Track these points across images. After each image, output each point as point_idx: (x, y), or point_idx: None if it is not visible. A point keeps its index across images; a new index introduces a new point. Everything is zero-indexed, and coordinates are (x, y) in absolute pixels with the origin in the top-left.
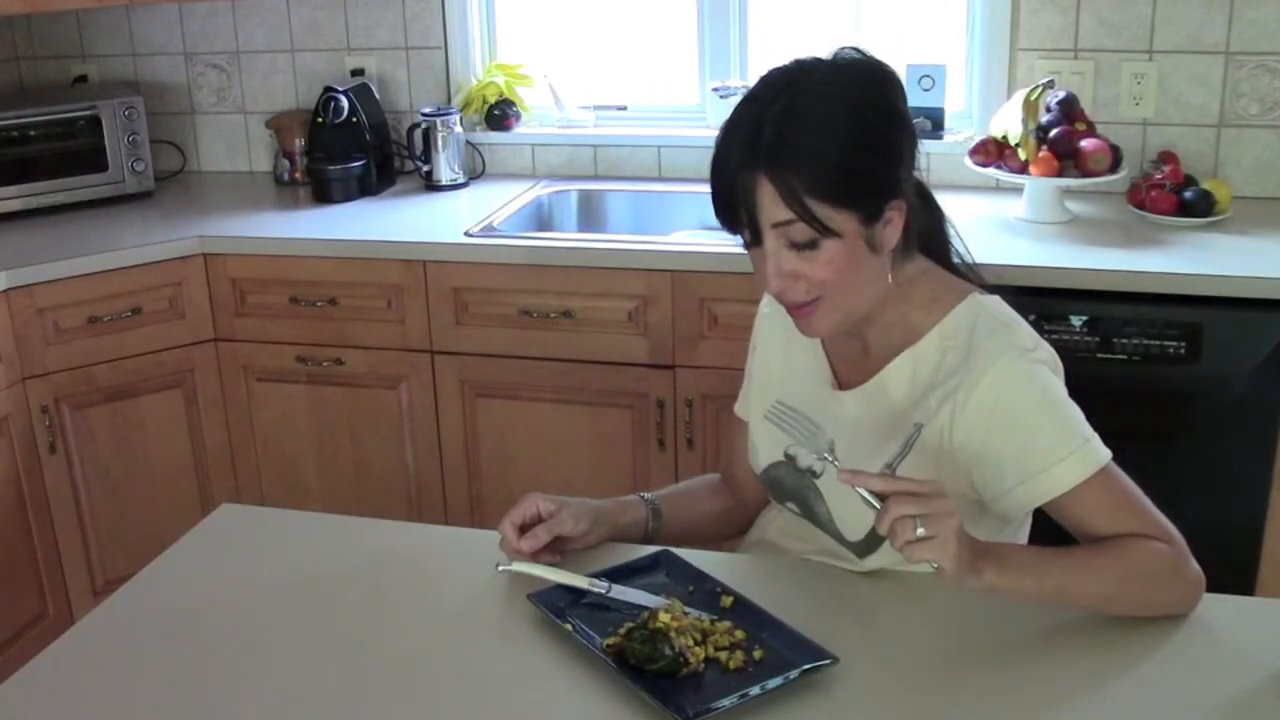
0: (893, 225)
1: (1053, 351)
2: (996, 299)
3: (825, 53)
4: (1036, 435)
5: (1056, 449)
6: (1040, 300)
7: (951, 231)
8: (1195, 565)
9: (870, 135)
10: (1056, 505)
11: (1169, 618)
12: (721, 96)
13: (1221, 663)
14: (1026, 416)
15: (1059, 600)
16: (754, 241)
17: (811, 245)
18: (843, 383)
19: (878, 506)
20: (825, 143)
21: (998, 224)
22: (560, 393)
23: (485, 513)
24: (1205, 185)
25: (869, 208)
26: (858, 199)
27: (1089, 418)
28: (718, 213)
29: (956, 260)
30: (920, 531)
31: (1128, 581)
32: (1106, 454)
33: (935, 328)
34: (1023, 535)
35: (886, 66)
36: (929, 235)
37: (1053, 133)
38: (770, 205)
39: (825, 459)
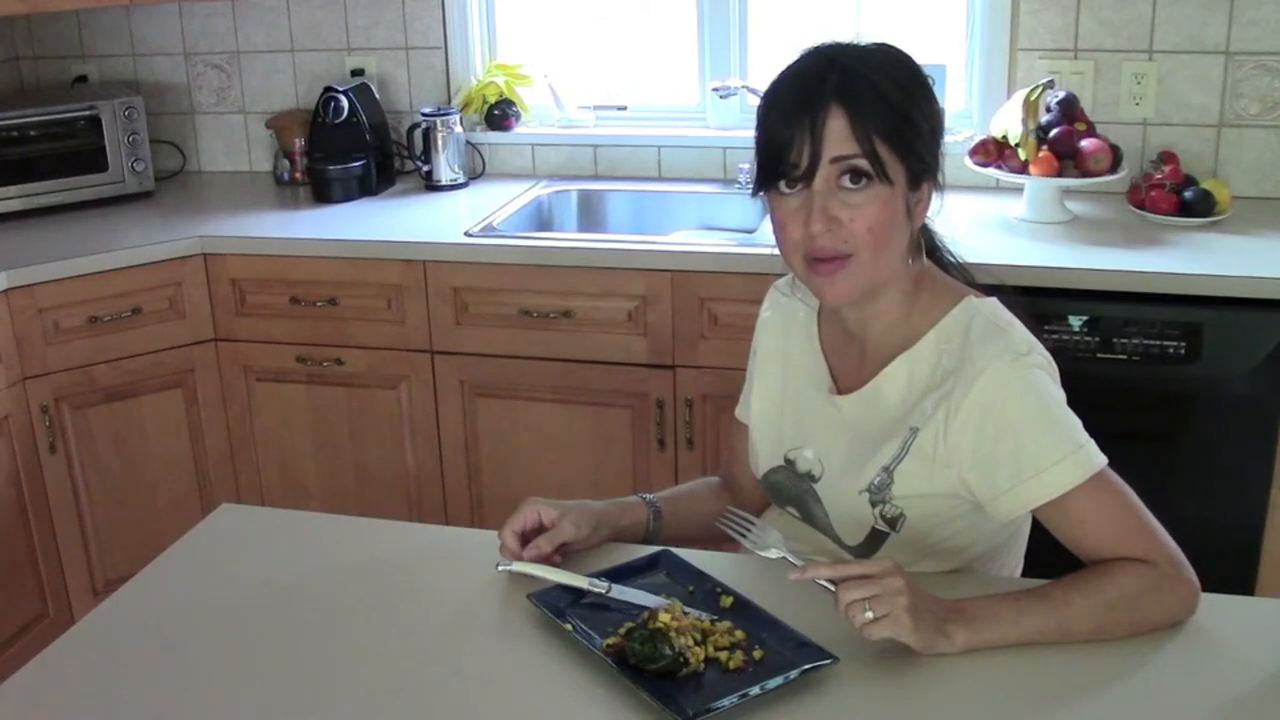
0: (923, 205)
1: (1048, 355)
2: (993, 302)
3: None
4: (1029, 439)
5: (1049, 453)
6: (1040, 300)
7: (943, 241)
8: (1189, 577)
9: (923, 98)
10: (1048, 512)
11: None
12: (721, 96)
13: (1221, 663)
14: (1019, 420)
15: (1047, 642)
16: (804, 177)
17: (862, 189)
18: (841, 387)
19: (834, 590)
20: (891, 89)
21: (998, 224)
22: (560, 393)
23: (485, 513)
24: (1205, 185)
25: (916, 166)
26: (911, 151)
27: (1088, 418)
28: (768, 153)
29: (950, 260)
30: (869, 615)
31: (1112, 612)
32: (1101, 460)
33: (931, 331)
34: (1022, 536)
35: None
36: (929, 241)
37: (1053, 133)
38: (837, 137)
39: (776, 553)
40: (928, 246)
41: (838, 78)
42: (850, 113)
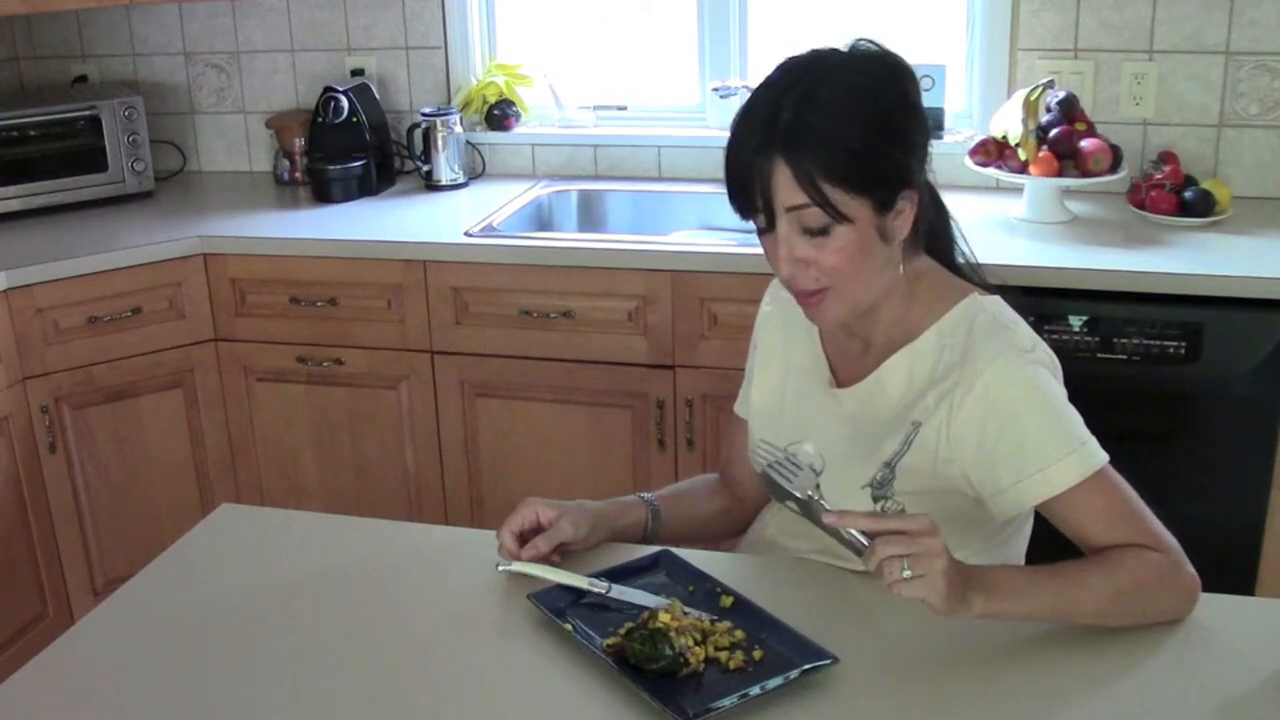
0: (904, 216)
1: (1051, 353)
2: (997, 299)
3: (842, 44)
4: (1032, 436)
5: (1052, 450)
6: (1040, 300)
7: (957, 232)
8: (1190, 570)
9: (886, 123)
10: (1051, 507)
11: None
12: (721, 96)
13: (1221, 663)
14: (1022, 417)
15: (1054, 619)
16: (767, 226)
17: (824, 231)
18: (841, 380)
19: (865, 544)
20: (842, 128)
21: (998, 224)
22: (560, 393)
23: (485, 513)
24: (1205, 185)
25: (882, 196)
26: (872, 186)
27: (1089, 418)
28: (732, 196)
29: (960, 260)
30: (907, 574)
31: (1122, 596)
32: (1103, 457)
33: (934, 326)
34: (1023, 534)
35: (902, 59)
36: (935, 234)
37: (1053, 133)
38: (785, 189)
39: (810, 497)
40: (931, 239)
41: (788, 118)
42: (794, 164)
